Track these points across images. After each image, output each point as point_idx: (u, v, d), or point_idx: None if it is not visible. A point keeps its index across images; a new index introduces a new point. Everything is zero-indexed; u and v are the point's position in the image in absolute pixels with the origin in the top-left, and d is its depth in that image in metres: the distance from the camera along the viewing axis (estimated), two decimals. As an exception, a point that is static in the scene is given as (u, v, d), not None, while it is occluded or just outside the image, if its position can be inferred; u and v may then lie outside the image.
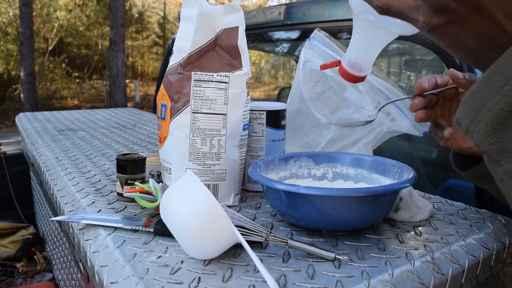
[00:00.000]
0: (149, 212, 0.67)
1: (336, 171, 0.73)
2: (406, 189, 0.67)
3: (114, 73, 8.92)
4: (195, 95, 0.67)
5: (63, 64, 13.39)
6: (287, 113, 0.83)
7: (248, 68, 0.70)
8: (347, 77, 0.56)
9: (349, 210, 0.56)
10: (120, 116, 1.99)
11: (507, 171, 0.35)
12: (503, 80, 0.35)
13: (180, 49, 0.69)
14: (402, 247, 0.55)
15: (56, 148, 1.18)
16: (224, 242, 0.49)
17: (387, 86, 0.84)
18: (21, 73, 8.84)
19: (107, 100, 11.78)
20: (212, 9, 0.69)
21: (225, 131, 0.68)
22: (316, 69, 0.90)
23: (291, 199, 0.56)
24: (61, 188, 0.84)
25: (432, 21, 0.38)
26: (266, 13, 1.37)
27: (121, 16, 8.61)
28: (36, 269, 1.70)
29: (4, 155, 2.02)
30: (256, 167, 0.65)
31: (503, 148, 0.35)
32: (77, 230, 0.63)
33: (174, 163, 0.70)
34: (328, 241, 0.57)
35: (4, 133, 7.36)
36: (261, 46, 2.19)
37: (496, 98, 0.35)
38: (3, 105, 11.01)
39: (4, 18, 11.71)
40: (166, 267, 0.49)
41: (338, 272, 0.48)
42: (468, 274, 0.53)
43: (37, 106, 8.96)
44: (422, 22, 0.39)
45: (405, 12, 0.40)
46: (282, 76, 14.47)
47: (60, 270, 1.31)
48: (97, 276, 0.52)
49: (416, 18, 0.40)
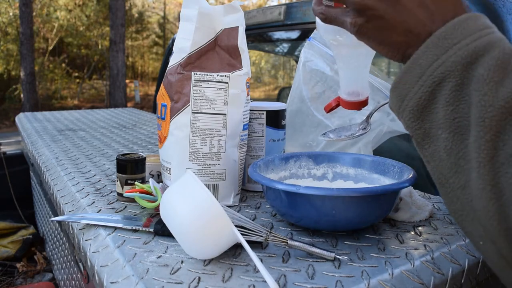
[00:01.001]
0: (149, 212, 0.67)
1: (336, 171, 0.73)
2: (406, 189, 0.67)
3: (114, 73, 8.92)
4: (195, 95, 0.67)
5: (63, 64, 13.39)
6: (287, 113, 0.83)
7: (248, 68, 0.70)
8: (350, 106, 0.57)
9: (349, 210, 0.56)
10: (120, 116, 1.99)
11: (431, 153, 0.38)
12: (420, 70, 0.38)
13: (180, 49, 0.69)
14: (402, 247, 0.55)
15: (56, 148, 1.18)
16: (224, 242, 0.49)
17: (387, 86, 0.84)
18: (21, 73, 8.84)
19: (107, 100, 11.78)
20: (212, 9, 0.69)
21: (225, 131, 0.68)
22: (316, 69, 0.90)
23: (291, 199, 0.56)
24: (61, 188, 0.84)
25: (358, 22, 0.42)
26: (266, 13, 1.37)
27: (121, 16, 8.62)
28: (36, 269, 1.70)
29: (4, 155, 2.02)
30: (256, 167, 0.65)
31: (425, 133, 0.38)
32: (77, 230, 0.63)
33: (174, 163, 0.70)
34: (328, 241, 0.57)
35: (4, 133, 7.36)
36: (261, 46, 2.19)
37: (415, 88, 0.38)
38: (3, 105, 11.01)
39: (4, 18, 11.71)
40: (166, 267, 0.49)
41: (338, 272, 0.48)
42: (468, 274, 0.53)
43: (37, 106, 8.97)
44: (349, 23, 0.43)
45: (337, 17, 0.45)
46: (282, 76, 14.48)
47: (60, 270, 1.31)
48: (97, 276, 0.52)
49: (345, 20, 0.44)
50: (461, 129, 0.35)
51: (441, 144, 0.37)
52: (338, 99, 0.58)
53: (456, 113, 0.36)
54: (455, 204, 0.37)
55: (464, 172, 0.35)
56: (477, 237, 0.36)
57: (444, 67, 0.36)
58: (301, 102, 0.90)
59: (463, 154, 0.35)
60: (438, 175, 0.38)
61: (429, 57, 0.37)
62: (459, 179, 0.36)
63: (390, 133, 0.86)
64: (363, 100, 0.57)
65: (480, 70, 0.35)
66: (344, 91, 0.57)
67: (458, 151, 0.36)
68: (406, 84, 0.39)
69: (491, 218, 0.33)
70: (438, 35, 0.38)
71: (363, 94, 0.57)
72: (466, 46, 0.36)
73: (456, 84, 0.36)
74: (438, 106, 0.37)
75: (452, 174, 0.36)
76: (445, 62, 0.36)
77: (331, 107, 0.59)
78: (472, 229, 0.37)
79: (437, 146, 0.37)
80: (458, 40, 0.36)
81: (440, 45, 0.37)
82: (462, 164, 0.35)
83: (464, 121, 0.35)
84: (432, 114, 0.37)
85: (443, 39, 0.37)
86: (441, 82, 0.36)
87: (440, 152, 0.37)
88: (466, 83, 0.35)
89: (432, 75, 0.37)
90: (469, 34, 0.36)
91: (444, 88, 0.36)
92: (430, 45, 0.38)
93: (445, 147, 0.36)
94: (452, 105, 0.36)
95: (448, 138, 0.36)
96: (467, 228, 0.37)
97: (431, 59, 0.37)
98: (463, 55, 0.36)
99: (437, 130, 0.37)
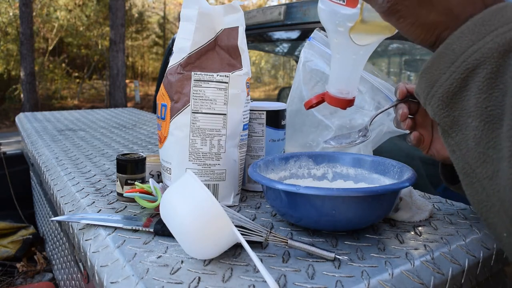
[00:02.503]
0: (149, 212, 0.67)
1: (336, 171, 0.73)
2: (406, 189, 0.67)
3: (114, 73, 8.92)
4: (195, 95, 0.67)
5: (63, 64, 13.39)
6: (287, 113, 0.83)
7: (248, 68, 0.70)
8: (337, 102, 0.55)
9: (349, 210, 0.56)
10: (120, 116, 1.99)
11: (458, 142, 0.37)
12: (453, 56, 0.36)
13: (180, 49, 0.69)
14: (402, 247, 0.55)
15: (56, 148, 1.18)
16: (224, 242, 0.49)
17: (387, 86, 0.84)
18: (21, 73, 8.84)
19: (107, 100, 11.78)
20: (212, 9, 0.69)
21: (225, 131, 0.68)
22: (316, 69, 0.90)
23: (291, 199, 0.56)
24: (61, 188, 0.84)
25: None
26: (266, 13, 1.37)
27: (121, 16, 8.62)
28: (36, 269, 1.70)
29: (4, 155, 2.02)
30: (256, 167, 0.65)
31: (454, 121, 0.37)
32: (77, 230, 0.63)
33: (174, 163, 0.70)
34: (328, 241, 0.57)
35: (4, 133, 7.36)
36: (261, 46, 2.19)
37: (447, 74, 0.37)
38: (3, 105, 11.01)
39: (4, 18, 11.71)
40: (166, 267, 0.49)
41: (338, 272, 0.48)
42: (468, 274, 0.53)
43: (37, 106, 8.96)
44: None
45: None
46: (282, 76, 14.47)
47: (60, 270, 1.31)
48: (97, 276, 0.52)
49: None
50: (493, 118, 0.34)
51: (470, 133, 0.36)
52: (320, 96, 0.56)
53: (489, 101, 0.35)
54: (480, 194, 0.36)
55: (493, 162, 0.34)
56: (502, 228, 0.36)
57: (479, 53, 0.35)
58: (301, 102, 0.90)
59: (493, 143, 0.34)
60: (464, 165, 0.37)
61: (464, 43, 0.36)
62: (487, 169, 0.35)
63: (390, 133, 0.86)
64: (351, 99, 0.55)
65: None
66: (333, 85, 0.55)
67: (488, 140, 0.35)
68: (437, 70, 0.38)
69: None
70: (475, 21, 0.36)
71: (352, 92, 0.55)
72: (503, 34, 0.35)
73: (491, 72, 0.35)
74: (469, 94, 0.36)
75: (480, 164, 0.35)
76: (481, 48, 0.35)
77: (311, 104, 0.57)
78: (497, 221, 0.36)
79: (465, 135, 0.36)
80: (495, 27, 0.35)
81: (477, 31, 0.36)
82: (491, 154, 0.34)
83: (497, 109, 0.34)
84: (463, 102, 0.36)
85: (480, 25, 0.36)
86: (475, 69, 0.35)
87: (469, 141, 0.36)
88: (502, 71, 0.34)
89: (466, 61, 0.36)
90: (506, 22, 0.35)
91: (478, 75, 0.35)
92: (466, 30, 0.37)
93: (474, 136, 0.36)
94: (485, 93, 0.35)
95: (478, 126, 0.35)
96: (491, 219, 0.36)
97: (466, 45, 0.36)
98: (500, 42, 0.35)
99: (467, 118, 0.36)
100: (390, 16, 0.41)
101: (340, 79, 0.54)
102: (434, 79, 0.38)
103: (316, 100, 0.56)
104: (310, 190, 0.53)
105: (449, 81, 0.37)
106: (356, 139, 0.59)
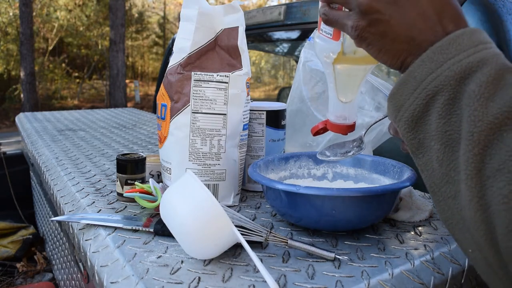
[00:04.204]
0: (149, 212, 0.67)
1: (336, 171, 0.73)
2: (406, 189, 0.67)
3: (114, 73, 8.92)
4: (195, 95, 0.67)
5: (63, 64, 13.39)
6: (287, 113, 0.83)
7: (248, 68, 0.70)
8: (337, 129, 0.57)
9: (349, 210, 0.56)
10: (120, 116, 1.99)
11: (424, 163, 0.39)
12: (415, 83, 0.39)
13: (180, 49, 0.69)
14: (402, 247, 0.55)
15: (56, 148, 1.18)
16: (224, 242, 0.49)
17: (387, 86, 0.84)
18: (21, 73, 8.84)
19: (107, 100, 11.78)
20: (212, 9, 0.69)
21: (225, 131, 0.68)
22: (316, 69, 0.90)
23: (291, 199, 0.56)
24: (61, 188, 0.84)
25: (360, 25, 0.42)
26: (266, 13, 1.37)
27: (121, 16, 8.61)
28: (36, 269, 1.70)
29: (4, 155, 2.02)
30: (256, 167, 0.65)
31: (419, 143, 0.39)
32: (77, 230, 0.63)
33: (174, 163, 0.70)
34: (328, 241, 0.57)
35: (4, 133, 7.35)
36: (261, 46, 2.19)
37: (410, 100, 0.39)
38: (3, 105, 11.00)
39: (4, 18, 11.71)
40: (166, 267, 0.49)
41: (338, 272, 0.48)
42: (468, 274, 0.53)
43: (37, 106, 8.96)
44: (351, 26, 0.43)
45: (339, 19, 0.45)
46: (282, 76, 14.47)
47: (60, 270, 1.31)
48: (97, 276, 0.52)
49: (346, 23, 0.44)
50: (452, 142, 0.36)
51: (434, 155, 0.38)
52: (325, 122, 0.58)
53: (448, 126, 0.37)
54: (446, 212, 0.38)
55: (454, 182, 0.36)
56: (467, 245, 0.37)
57: (437, 81, 0.37)
58: (301, 102, 0.90)
59: (453, 165, 0.36)
60: (431, 184, 0.39)
61: (424, 71, 0.38)
62: (450, 189, 0.37)
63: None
64: (351, 125, 0.57)
65: (472, 85, 0.35)
66: (332, 113, 0.57)
67: (449, 162, 0.37)
68: (402, 96, 0.40)
69: (479, 228, 0.34)
70: (434, 49, 0.38)
71: (350, 118, 0.56)
72: (459, 61, 0.37)
73: (449, 98, 0.37)
74: (431, 118, 0.38)
75: (444, 184, 0.38)
76: (439, 76, 0.37)
77: (317, 129, 0.59)
78: (462, 237, 0.38)
79: (429, 156, 0.39)
80: (452, 55, 0.37)
81: (435, 60, 0.38)
82: (452, 175, 0.37)
83: (455, 134, 0.36)
84: (425, 126, 0.39)
85: (438, 54, 0.38)
86: (434, 96, 0.37)
87: (433, 162, 0.38)
88: (458, 97, 0.36)
89: (426, 88, 0.38)
90: (463, 49, 0.37)
91: (437, 102, 0.37)
92: (426, 58, 0.39)
93: (437, 157, 0.38)
94: (444, 118, 0.37)
95: (440, 149, 0.37)
96: (457, 236, 0.38)
97: (426, 73, 0.38)
98: (456, 70, 0.37)
99: (430, 141, 0.38)
100: (360, 42, 0.44)
101: (337, 107, 0.56)
102: (400, 104, 0.40)
103: (322, 126, 0.59)
104: (310, 190, 0.53)
105: (412, 106, 0.39)
106: (350, 150, 0.60)
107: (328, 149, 0.62)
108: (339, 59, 0.51)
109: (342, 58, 0.51)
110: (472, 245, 0.36)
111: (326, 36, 0.50)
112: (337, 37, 0.49)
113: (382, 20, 0.41)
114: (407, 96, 0.39)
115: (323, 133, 0.60)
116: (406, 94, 0.40)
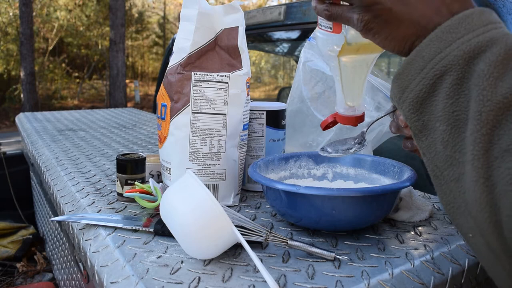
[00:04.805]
0: (149, 212, 0.67)
1: (336, 171, 0.73)
2: (406, 189, 0.67)
3: (114, 73, 8.91)
4: (195, 95, 0.67)
5: (63, 64, 13.39)
6: (287, 113, 0.83)
7: (248, 68, 0.70)
8: (347, 121, 0.58)
9: (349, 210, 0.56)
10: (120, 116, 1.99)
11: (427, 145, 0.39)
12: (422, 63, 0.38)
13: (180, 49, 0.69)
14: (402, 247, 0.55)
15: (56, 148, 1.18)
16: (224, 242, 0.49)
17: (387, 86, 0.84)
18: (21, 73, 8.83)
19: (107, 100, 11.77)
20: (212, 9, 0.69)
21: (225, 131, 0.68)
22: (316, 69, 0.90)
23: (291, 199, 0.56)
24: (61, 188, 0.84)
25: (365, 17, 0.42)
26: (266, 13, 1.37)
27: (121, 16, 8.61)
28: (36, 269, 1.70)
29: (4, 155, 2.02)
30: (256, 167, 0.65)
31: (423, 125, 0.39)
32: (77, 230, 0.63)
33: (174, 163, 0.70)
34: (328, 241, 0.57)
35: (4, 133, 7.35)
36: (261, 46, 2.19)
37: (417, 80, 0.39)
38: (3, 105, 11.00)
39: (4, 18, 11.70)
40: (166, 267, 0.49)
41: (338, 272, 0.48)
42: (468, 274, 0.53)
43: (37, 106, 8.96)
44: (356, 19, 0.43)
45: (343, 13, 0.45)
46: (282, 76, 14.47)
47: (60, 270, 1.31)
48: (97, 276, 0.52)
49: (352, 17, 0.44)
50: (459, 123, 0.36)
51: (438, 137, 0.38)
52: (334, 115, 0.59)
53: (455, 106, 0.36)
54: (448, 196, 0.38)
55: (458, 165, 0.36)
56: (467, 229, 0.37)
57: (446, 60, 0.37)
58: (301, 102, 0.90)
59: (459, 147, 0.36)
60: (433, 167, 0.39)
61: (432, 50, 0.38)
62: (454, 172, 0.37)
63: (390, 133, 0.86)
64: (360, 115, 0.57)
65: (481, 65, 0.35)
66: (340, 105, 0.57)
67: (454, 144, 0.36)
68: (408, 76, 0.40)
69: (483, 210, 0.33)
70: (443, 29, 0.38)
71: (359, 109, 0.57)
72: (469, 41, 0.36)
73: (457, 78, 0.36)
74: (438, 99, 0.37)
75: (447, 167, 0.37)
76: (448, 55, 0.37)
77: (327, 123, 0.60)
78: (463, 222, 0.37)
79: (434, 139, 0.38)
80: (461, 34, 0.37)
81: (444, 39, 0.38)
82: (457, 157, 0.36)
83: (463, 114, 0.36)
84: (431, 107, 0.38)
85: (447, 33, 0.38)
86: (442, 76, 0.37)
87: (437, 144, 0.38)
88: (467, 77, 0.36)
89: (434, 68, 0.37)
90: (472, 29, 0.37)
91: (445, 82, 0.37)
92: (434, 38, 0.38)
93: (442, 139, 0.37)
94: (452, 99, 0.36)
95: (445, 130, 0.37)
96: (458, 220, 0.38)
97: (434, 52, 0.38)
98: (465, 50, 0.36)
99: (435, 122, 0.38)
100: (367, 33, 0.44)
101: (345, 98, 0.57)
102: (405, 84, 0.40)
103: (331, 120, 0.59)
104: (310, 190, 0.53)
105: (418, 87, 0.38)
106: (352, 146, 0.60)
107: (330, 146, 0.62)
108: (343, 51, 0.51)
109: (347, 49, 0.50)
110: (473, 230, 0.36)
111: (326, 30, 0.50)
112: (338, 29, 0.49)
113: (385, 8, 0.41)
114: (413, 76, 0.39)
115: (332, 127, 0.60)
116: (412, 74, 0.39)
